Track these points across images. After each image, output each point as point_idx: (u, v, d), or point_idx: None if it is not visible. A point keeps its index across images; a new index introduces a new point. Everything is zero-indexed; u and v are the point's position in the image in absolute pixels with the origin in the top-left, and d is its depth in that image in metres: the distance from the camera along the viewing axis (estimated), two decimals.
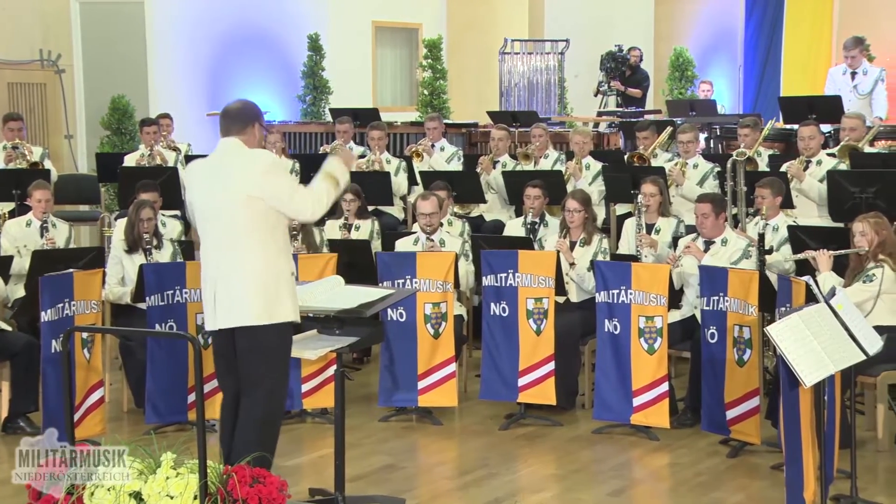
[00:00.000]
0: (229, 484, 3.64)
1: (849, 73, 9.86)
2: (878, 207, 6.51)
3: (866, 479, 5.07)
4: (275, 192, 4.41)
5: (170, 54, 12.56)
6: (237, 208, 4.42)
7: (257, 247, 4.42)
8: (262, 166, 4.44)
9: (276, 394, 4.53)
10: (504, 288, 6.30)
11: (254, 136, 4.56)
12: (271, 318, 4.40)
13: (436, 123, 9.72)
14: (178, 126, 10.71)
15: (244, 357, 4.46)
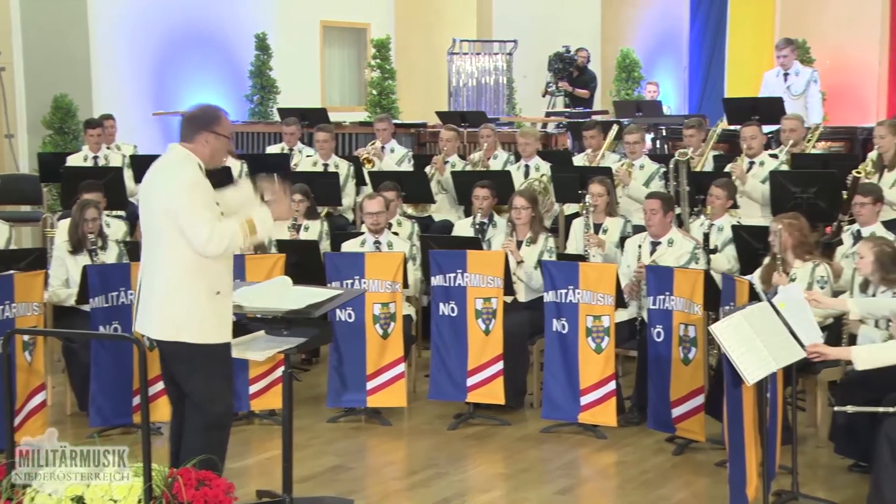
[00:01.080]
0: (174, 487, 3.60)
1: (782, 74, 10.04)
2: (817, 207, 6.66)
3: (807, 475, 5.16)
4: (179, 213, 4.23)
5: (114, 52, 12.38)
6: (155, 218, 4.33)
7: (171, 261, 4.28)
8: (178, 183, 4.27)
9: (217, 401, 4.42)
10: (453, 288, 6.31)
11: (205, 144, 4.36)
12: (172, 335, 4.30)
13: (385, 125, 9.71)
14: (124, 126, 10.57)
15: (175, 368, 4.41)
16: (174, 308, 4.29)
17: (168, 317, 4.30)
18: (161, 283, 4.31)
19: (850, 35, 13.90)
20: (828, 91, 12.11)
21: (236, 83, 13.41)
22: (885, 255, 5.18)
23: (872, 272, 5.24)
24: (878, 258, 5.19)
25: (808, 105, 9.93)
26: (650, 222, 6.40)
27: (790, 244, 5.71)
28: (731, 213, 7.20)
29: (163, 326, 4.32)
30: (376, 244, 6.87)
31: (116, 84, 12.35)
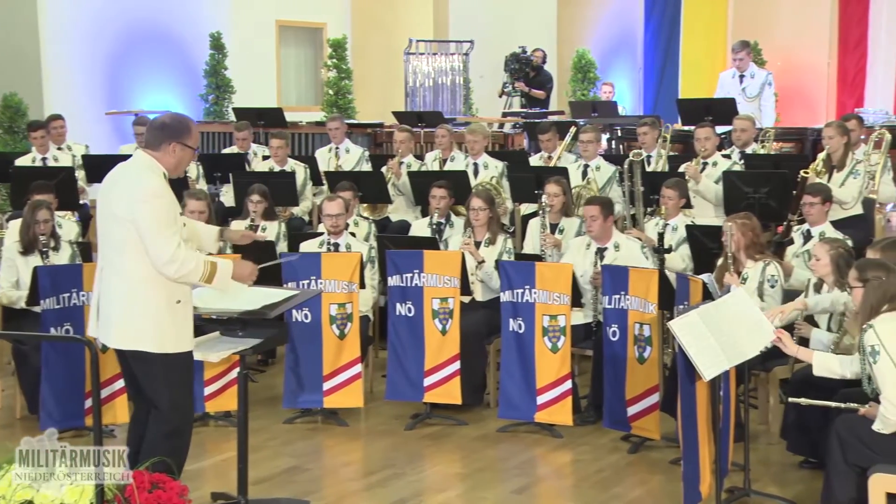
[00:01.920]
0: (127, 490, 3.56)
1: (737, 76, 10.17)
2: (769, 207, 6.74)
3: (759, 471, 5.22)
4: (141, 223, 4.17)
5: (66, 51, 12.24)
6: (112, 226, 4.27)
7: (129, 269, 4.23)
8: (142, 192, 4.21)
9: (178, 409, 4.37)
10: (410, 288, 6.31)
11: (170, 154, 4.31)
12: (129, 345, 4.26)
13: (338, 124, 9.68)
14: (76, 126, 10.44)
15: (137, 375, 4.37)
16: (133, 317, 4.24)
17: (127, 326, 4.25)
18: (120, 292, 4.25)
19: (800, 37, 14.13)
20: (779, 92, 12.29)
21: (191, 82, 13.31)
22: (841, 258, 5.24)
23: (828, 274, 5.31)
24: (834, 261, 5.26)
25: (762, 107, 10.07)
26: (590, 228, 6.42)
27: (743, 244, 5.78)
28: (685, 213, 7.27)
29: (122, 336, 4.27)
30: (334, 245, 6.85)
31: (68, 83, 12.21)
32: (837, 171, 7.35)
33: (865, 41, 13.89)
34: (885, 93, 13.58)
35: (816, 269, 5.39)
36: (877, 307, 4.23)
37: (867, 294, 4.26)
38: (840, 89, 14.06)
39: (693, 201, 7.64)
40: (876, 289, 4.24)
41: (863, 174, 7.39)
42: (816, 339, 5.36)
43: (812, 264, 5.45)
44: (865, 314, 4.25)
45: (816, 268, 5.38)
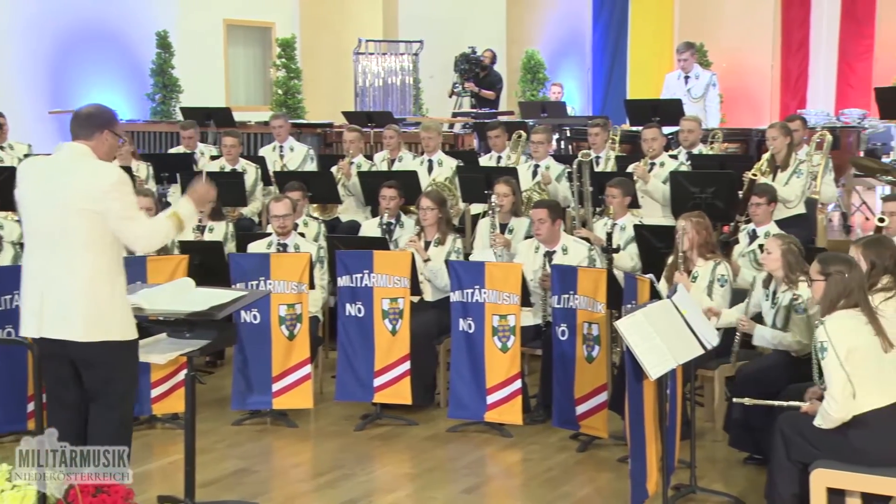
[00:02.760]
0: (70, 495, 3.50)
1: (682, 77, 10.29)
2: (715, 207, 6.82)
3: (705, 468, 5.29)
4: (114, 212, 4.21)
5: (7, 49, 12.03)
6: (73, 219, 4.22)
7: (91, 261, 4.21)
8: (106, 182, 4.22)
9: (129, 399, 4.40)
10: (359, 288, 6.30)
11: (103, 142, 4.33)
12: (100, 336, 4.22)
13: (281, 122, 9.63)
14: (18, 125, 10.25)
15: (85, 371, 4.30)
16: (100, 308, 4.22)
17: (94, 317, 4.21)
18: (81, 285, 4.21)
19: (744, 39, 14.36)
20: (724, 94, 12.47)
21: (137, 81, 13.15)
22: (792, 254, 5.33)
23: (777, 269, 5.39)
24: (784, 255, 5.33)
25: (706, 107, 10.20)
26: (538, 231, 6.45)
27: (696, 242, 5.83)
28: (632, 213, 7.34)
29: (89, 328, 4.21)
30: (283, 246, 6.81)
31: (9, 81, 12.00)
32: (781, 170, 7.47)
33: (807, 44, 14.15)
34: (827, 94, 13.85)
35: (767, 263, 5.45)
36: (835, 301, 4.26)
37: (828, 288, 4.28)
38: (783, 91, 14.31)
39: (641, 201, 7.71)
40: (837, 283, 4.26)
41: (805, 174, 7.51)
42: (759, 336, 5.44)
43: (763, 258, 5.51)
44: (824, 308, 4.29)
45: (767, 261, 5.44)
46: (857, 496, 4.26)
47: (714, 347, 4.87)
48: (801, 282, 5.29)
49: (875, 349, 4.16)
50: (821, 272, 4.34)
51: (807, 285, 5.04)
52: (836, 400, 4.13)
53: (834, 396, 4.14)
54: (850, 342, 4.13)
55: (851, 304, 4.23)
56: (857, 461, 4.13)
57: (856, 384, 4.12)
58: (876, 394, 4.13)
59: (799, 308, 5.30)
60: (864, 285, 4.31)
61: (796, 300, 5.33)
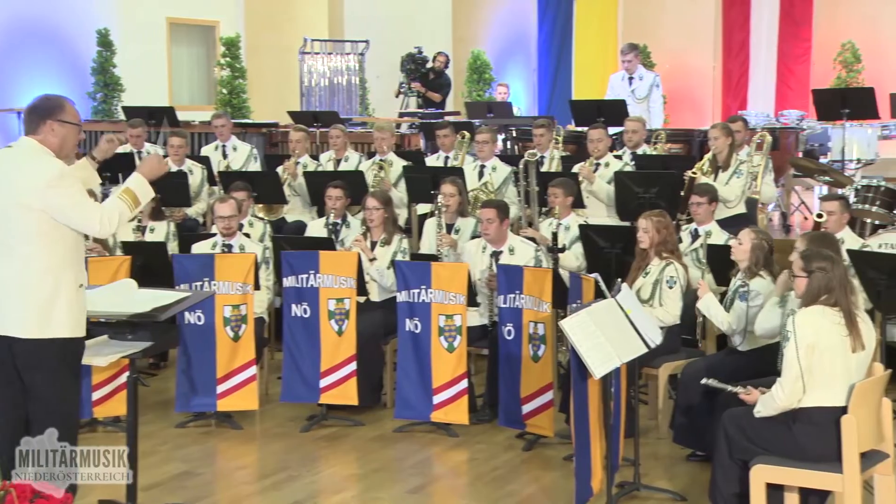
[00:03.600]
0: (7, 501, 3.44)
1: (626, 78, 10.39)
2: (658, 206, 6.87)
3: (649, 466, 5.35)
4: (59, 206, 4.16)
5: None
6: (13, 214, 4.17)
7: (35, 257, 4.16)
8: (46, 178, 4.16)
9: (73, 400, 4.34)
10: (305, 289, 6.27)
11: (51, 133, 4.26)
12: (44, 333, 4.17)
13: (224, 121, 9.55)
14: None
15: (24, 369, 4.23)
16: (41, 304, 4.15)
17: (41, 313, 4.15)
18: (28, 280, 4.15)
19: (686, 41, 14.54)
20: (668, 95, 12.62)
21: (77, 80, 12.95)
22: (761, 249, 5.39)
23: (744, 259, 5.42)
24: (753, 249, 5.38)
25: (650, 108, 10.30)
26: (486, 231, 6.46)
27: (657, 240, 5.88)
28: (577, 213, 7.39)
29: (38, 324, 4.15)
30: (228, 247, 6.75)
31: None
32: (723, 171, 7.57)
33: (748, 46, 14.37)
34: (767, 96, 14.08)
35: (736, 253, 5.48)
36: (816, 297, 4.28)
37: (811, 284, 4.29)
38: (725, 92, 14.51)
39: (586, 201, 7.77)
40: (819, 279, 4.27)
41: (746, 174, 7.63)
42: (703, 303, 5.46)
43: (733, 246, 5.55)
44: (805, 303, 4.31)
45: (736, 251, 5.47)
46: (796, 491, 4.34)
47: (657, 346, 4.93)
48: (759, 276, 5.36)
49: (841, 349, 4.18)
50: (804, 268, 4.35)
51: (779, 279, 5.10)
52: (785, 390, 4.18)
53: (783, 385, 4.19)
54: (812, 339, 4.16)
55: (832, 301, 4.25)
56: (797, 457, 4.20)
57: (811, 380, 4.17)
58: (829, 393, 4.17)
59: (743, 296, 5.37)
60: (845, 282, 4.33)
61: (743, 287, 5.40)
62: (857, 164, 9.50)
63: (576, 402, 4.64)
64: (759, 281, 5.33)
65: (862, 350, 4.21)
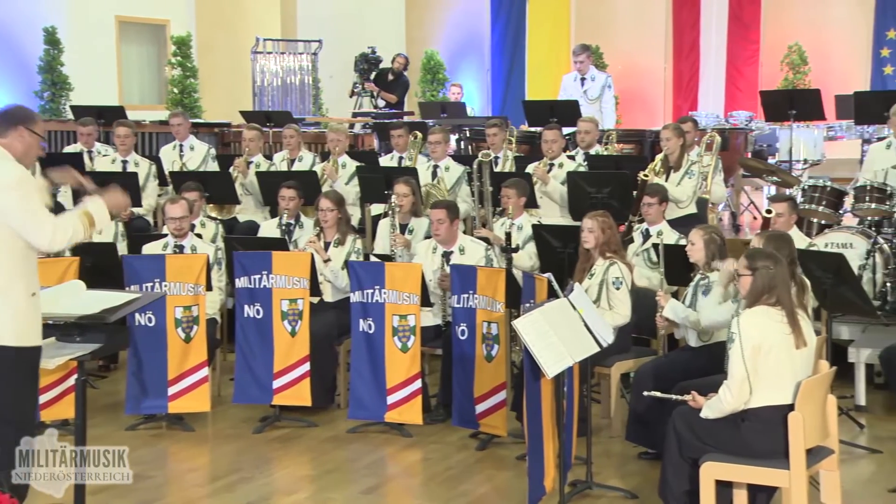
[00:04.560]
0: None
1: (579, 78, 10.46)
2: (611, 206, 6.94)
3: (601, 464, 5.39)
4: (14, 210, 4.10)
5: None
6: None
7: None
8: (5, 180, 4.10)
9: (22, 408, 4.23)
10: (258, 289, 6.23)
11: (19, 139, 4.21)
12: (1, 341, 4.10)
13: (181, 120, 9.45)
14: None
15: None
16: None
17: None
18: None
19: (638, 42, 14.67)
20: (620, 95, 12.72)
21: (24, 78, 12.73)
22: (714, 243, 5.46)
23: (701, 258, 5.49)
24: (707, 245, 5.45)
25: (602, 109, 10.37)
26: (437, 232, 6.47)
27: (601, 240, 5.92)
28: (531, 213, 7.43)
29: None
30: (179, 248, 6.69)
31: None
32: (674, 171, 7.65)
33: (698, 47, 14.53)
34: (716, 97, 14.24)
35: (692, 254, 5.54)
36: (760, 295, 4.32)
37: (755, 282, 4.34)
38: (676, 93, 14.66)
39: (539, 201, 7.81)
40: (763, 277, 4.32)
41: (697, 174, 7.71)
42: (671, 308, 5.53)
43: (688, 249, 5.60)
44: (749, 301, 4.36)
45: (691, 252, 5.54)
46: (744, 488, 4.40)
47: (609, 346, 4.97)
48: (717, 270, 5.42)
49: (785, 348, 4.23)
50: (748, 267, 4.40)
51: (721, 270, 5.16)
52: (732, 392, 4.23)
53: (731, 388, 4.24)
54: (757, 340, 4.21)
55: (773, 299, 4.30)
56: (745, 454, 4.25)
57: (757, 380, 4.22)
58: (775, 391, 4.22)
59: (705, 291, 5.43)
60: (787, 280, 4.39)
61: (703, 280, 5.46)
62: (805, 164, 9.66)
63: (529, 402, 4.66)
64: (717, 274, 5.40)
65: (804, 347, 4.27)
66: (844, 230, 7.19)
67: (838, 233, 7.17)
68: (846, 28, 13.55)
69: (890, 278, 6.86)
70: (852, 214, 7.58)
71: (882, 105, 7.96)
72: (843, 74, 13.16)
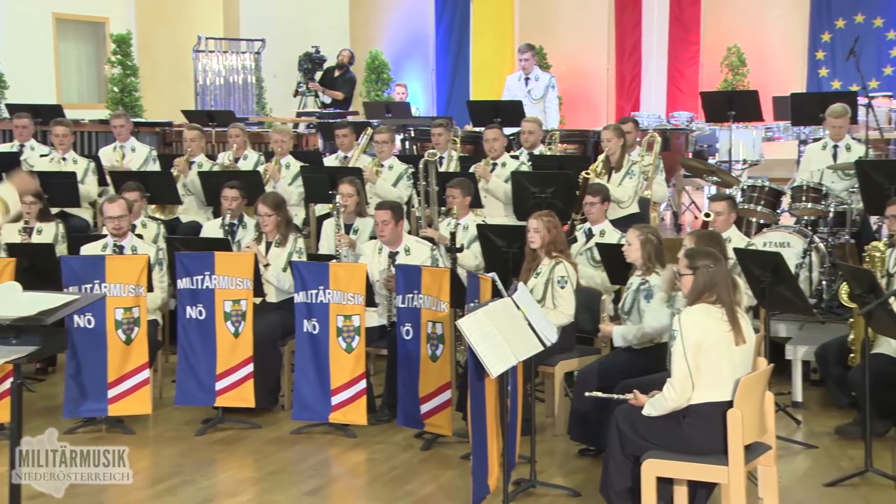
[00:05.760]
0: None
1: (523, 78, 10.52)
2: (555, 206, 6.99)
3: (545, 463, 5.42)
4: None
5: None
6: None
7: None
8: None
9: None
10: (200, 290, 6.17)
11: None
12: None
13: (122, 121, 9.33)
14: None
15: None
16: None
17: None
18: None
19: (581, 43, 14.80)
20: (563, 96, 12.82)
21: None
22: (650, 244, 5.51)
23: (638, 258, 5.53)
24: (643, 245, 5.50)
25: (546, 109, 10.44)
26: (382, 233, 6.47)
27: (547, 240, 5.95)
28: (476, 213, 7.45)
29: None
30: (119, 248, 6.60)
31: None
32: (615, 171, 7.73)
33: (639, 49, 14.69)
34: (658, 98, 14.42)
35: (629, 254, 5.58)
36: (701, 294, 4.37)
37: (696, 281, 4.39)
38: (618, 94, 14.81)
39: (484, 201, 7.84)
40: (704, 276, 4.37)
41: (638, 174, 7.80)
42: (619, 336, 5.57)
43: (624, 249, 5.64)
44: (691, 300, 4.41)
45: (628, 252, 5.58)
46: (684, 484, 4.45)
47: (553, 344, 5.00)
48: (655, 273, 5.46)
49: (725, 345, 4.28)
50: (689, 266, 4.45)
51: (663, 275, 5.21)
52: (676, 389, 4.27)
53: (674, 385, 4.28)
54: (698, 337, 4.26)
55: (714, 297, 4.34)
56: (686, 451, 4.30)
57: (699, 377, 4.27)
58: (715, 388, 4.28)
59: (647, 295, 5.48)
60: (727, 279, 4.44)
61: (643, 284, 5.51)
62: (744, 164, 9.81)
63: (473, 401, 4.67)
64: (656, 277, 5.45)
65: (743, 344, 4.33)
66: (782, 229, 7.32)
67: (776, 232, 7.30)
68: (783, 30, 13.80)
69: (825, 277, 7.00)
70: (790, 214, 7.72)
71: (818, 106, 8.13)
72: (781, 76, 13.41)
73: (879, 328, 5.30)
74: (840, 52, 13.04)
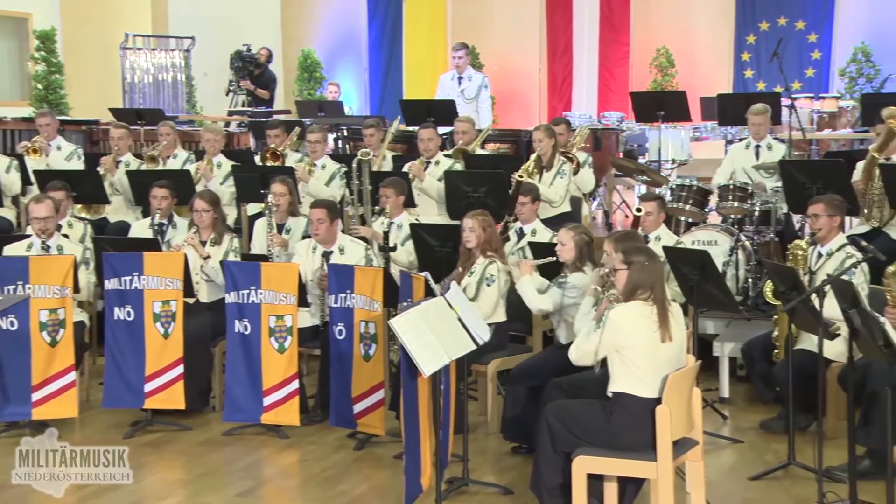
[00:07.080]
0: None
1: (456, 77, 10.55)
2: (488, 206, 7.03)
3: (477, 461, 5.44)
4: None
5: None
6: None
7: None
8: None
9: None
10: (129, 291, 6.08)
11: None
12: None
13: (48, 119, 9.15)
14: None
15: None
16: None
17: None
18: None
19: (513, 43, 14.89)
20: (496, 95, 12.88)
21: None
22: (583, 242, 5.56)
23: (571, 258, 5.56)
24: (577, 245, 5.54)
25: (479, 109, 10.49)
26: (317, 231, 6.44)
27: (482, 239, 5.97)
28: (409, 212, 7.45)
29: None
30: (45, 248, 6.46)
31: None
32: (546, 171, 7.80)
33: (571, 49, 14.83)
34: (589, 98, 14.57)
35: (562, 254, 5.61)
36: (635, 290, 4.40)
37: (631, 276, 4.42)
38: (550, 94, 14.93)
39: (417, 200, 7.85)
40: (639, 272, 4.40)
41: (568, 174, 7.88)
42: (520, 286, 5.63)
43: (558, 249, 5.68)
44: (625, 295, 4.44)
45: (562, 252, 5.61)
46: (615, 480, 4.51)
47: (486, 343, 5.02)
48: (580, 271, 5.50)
49: (653, 343, 4.33)
50: (623, 261, 4.48)
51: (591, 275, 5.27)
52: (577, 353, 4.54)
53: (580, 347, 4.53)
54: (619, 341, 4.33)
55: (647, 293, 4.38)
56: (615, 447, 4.36)
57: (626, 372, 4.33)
58: (642, 385, 4.33)
59: (561, 285, 5.54)
60: (662, 276, 4.50)
61: (562, 277, 5.56)
62: (672, 164, 9.96)
63: (406, 400, 4.68)
64: (578, 275, 5.50)
65: (671, 341, 4.40)
66: (709, 228, 7.44)
67: (704, 230, 7.42)
68: (710, 32, 14.04)
69: (751, 274, 7.14)
70: (717, 213, 7.85)
71: (743, 107, 8.27)
72: (708, 77, 13.65)
73: (802, 324, 5.41)
74: (764, 54, 13.31)
